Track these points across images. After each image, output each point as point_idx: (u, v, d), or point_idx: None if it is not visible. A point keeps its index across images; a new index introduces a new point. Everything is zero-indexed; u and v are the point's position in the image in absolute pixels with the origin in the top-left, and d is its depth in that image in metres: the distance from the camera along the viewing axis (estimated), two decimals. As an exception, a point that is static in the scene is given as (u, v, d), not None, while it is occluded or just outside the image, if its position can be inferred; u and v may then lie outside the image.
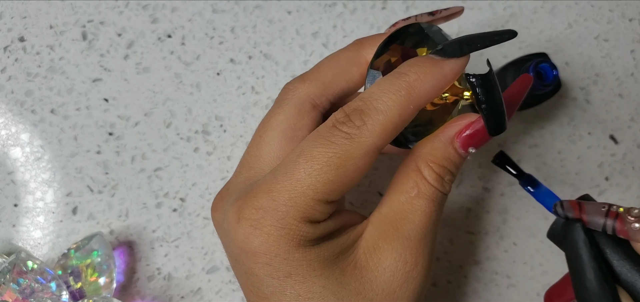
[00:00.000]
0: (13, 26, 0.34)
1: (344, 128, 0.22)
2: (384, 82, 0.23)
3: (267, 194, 0.22)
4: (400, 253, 0.23)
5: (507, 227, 0.35)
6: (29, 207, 0.32)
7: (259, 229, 0.22)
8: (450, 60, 0.22)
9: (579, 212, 0.23)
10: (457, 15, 0.28)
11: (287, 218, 0.22)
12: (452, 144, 0.24)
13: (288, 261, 0.22)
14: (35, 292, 0.29)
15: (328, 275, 0.22)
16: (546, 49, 0.37)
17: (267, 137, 0.25)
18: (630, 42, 0.37)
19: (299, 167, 0.22)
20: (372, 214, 0.25)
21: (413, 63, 0.23)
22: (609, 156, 0.36)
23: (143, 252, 0.32)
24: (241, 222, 0.22)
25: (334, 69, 0.26)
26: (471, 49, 0.23)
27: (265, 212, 0.22)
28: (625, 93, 0.37)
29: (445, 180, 0.24)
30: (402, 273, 0.23)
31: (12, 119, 0.33)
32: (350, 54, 0.26)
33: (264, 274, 0.22)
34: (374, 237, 0.24)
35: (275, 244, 0.22)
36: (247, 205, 0.22)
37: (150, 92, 0.34)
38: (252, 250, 0.22)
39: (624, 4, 0.38)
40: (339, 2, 0.36)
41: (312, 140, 0.22)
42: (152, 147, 0.33)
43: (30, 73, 0.33)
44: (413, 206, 0.23)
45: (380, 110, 0.22)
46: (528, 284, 0.34)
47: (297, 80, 0.26)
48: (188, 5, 0.35)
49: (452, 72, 0.23)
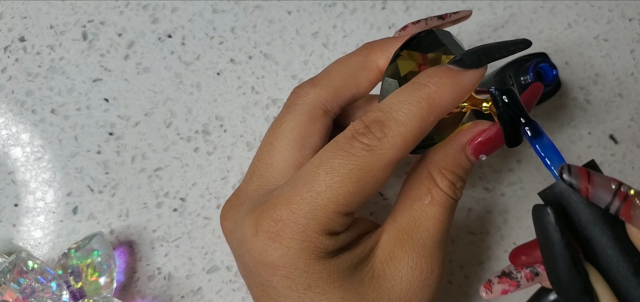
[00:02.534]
0: (13, 26, 0.34)
1: (365, 140, 0.22)
2: (404, 93, 0.22)
3: (287, 206, 0.22)
4: (417, 261, 0.23)
5: (508, 227, 0.35)
6: (30, 207, 0.32)
7: (278, 242, 0.22)
8: (469, 71, 0.22)
9: (587, 182, 0.21)
10: (465, 18, 0.28)
11: (307, 231, 0.22)
12: (464, 151, 0.24)
13: (308, 273, 0.22)
14: (35, 292, 0.29)
15: (347, 286, 0.22)
16: (546, 48, 0.37)
17: (279, 144, 0.25)
18: (630, 42, 0.37)
19: (319, 179, 0.22)
20: (386, 222, 0.24)
21: (433, 74, 0.22)
22: (609, 155, 0.36)
23: (143, 252, 0.32)
24: (259, 234, 0.22)
25: (344, 74, 0.26)
26: (489, 59, 0.23)
27: (284, 225, 0.22)
28: (625, 93, 0.37)
29: (457, 187, 0.24)
30: (418, 281, 0.23)
31: (12, 119, 0.33)
32: (360, 59, 0.26)
33: (283, 287, 0.22)
34: (390, 246, 0.24)
35: (295, 257, 0.22)
36: (264, 216, 0.22)
37: (150, 92, 0.34)
38: (270, 263, 0.22)
39: (624, 3, 0.38)
40: (338, 2, 0.36)
41: (331, 151, 0.22)
42: (152, 147, 0.33)
43: (30, 73, 0.33)
44: (427, 214, 0.23)
45: (401, 122, 0.22)
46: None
47: (307, 85, 0.26)
48: (188, 6, 0.35)
49: (471, 83, 0.22)
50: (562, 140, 0.36)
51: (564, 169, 0.21)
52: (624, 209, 0.21)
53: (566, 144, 0.36)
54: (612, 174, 0.36)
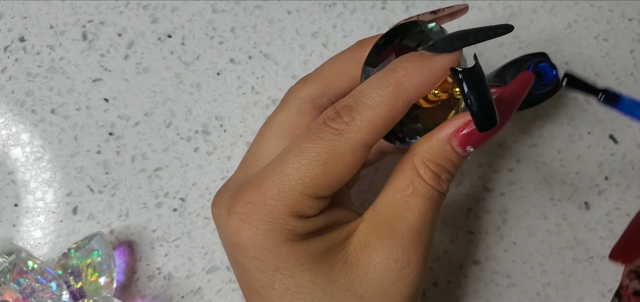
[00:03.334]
0: (13, 26, 0.34)
1: (333, 124, 0.22)
2: (374, 78, 0.23)
3: (257, 188, 0.22)
4: (392, 250, 0.23)
5: (507, 227, 0.35)
6: (30, 207, 0.32)
7: (247, 223, 0.22)
8: (440, 56, 0.22)
9: None
10: (461, 13, 0.27)
11: (275, 212, 0.22)
12: (449, 143, 0.23)
13: (275, 255, 0.22)
14: (35, 292, 0.29)
15: (316, 270, 0.23)
16: (546, 48, 0.37)
17: (267, 136, 0.26)
18: (630, 42, 0.37)
19: (288, 162, 0.22)
20: (366, 211, 0.25)
21: (402, 59, 0.23)
22: (608, 155, 0.36)
23: (143, 252, 0.32)
24: (231, 216, 0.23)
25: (334, 69, 0.26)
26: (463, 43, 0.22)
27: (254, 206, 0.22)
28: (625, 92, 0.37)
29: (442, 179, 0.24)
30: (393, 270, 0.23)
31: (12, 119, 0.33)
32: (350, 54, 0.26)
33: (254, 268, 0.23)
34: (366, 234, 0.24)
35: (263, 238, 0.22)
36: (237, 199, 0.23)
37: (150, 92, 0.34)
38: (241, 244, 0.22)
39: (624, 3, 0.38)
40: (338, 2, 0.36)
41: (302, 136, 0.23)
42: (152, 147, 0.33)
43: (30, 73, 0.34)
44: (408, 204, 0.23)
45: (369, 107, 0.22)
46: (528, 284, 0.34)
47: (299, 83, 0.26)
48: (188, 6, 0.35)
49: (442, 68, 0.22)
50: (561, 140, 0.36)
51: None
52: None
53: (566, 144, 0.36)
54: (612, 175, 0.36)
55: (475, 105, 0.22)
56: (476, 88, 0.21)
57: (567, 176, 0.36)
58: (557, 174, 0.36)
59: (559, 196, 0.35)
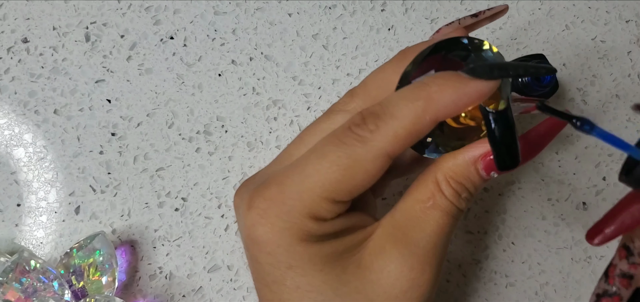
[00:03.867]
0: (16, 28, 0.34)
1: (358, 130, 0.22)
2: (405, 90, 0.22)
3: (278, 185, 0.22)
4: (407, 259, 0.23)
5: (506, 227, 0.35)
6: (32, 207, 0.33)
7: (264, 219, 0.22)
8: (477, 81, 0.22)
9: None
10: (501, 14, 0.27)
11: (292, 212, 0.22)
12: (474, 165, 0.23)
13: (289, 253, 0.22)
14: (37, 292, 0.29)
15: (329, 271, 0.23)
16: (543, 50, 0.37)
17: (307, 139, 0.25)
18: (627, 44, 0.38)
19: (310, 162, 0.22)
20: (384, 218, 0.24)
21: (439, 76, 0.22)
22: (606, 156, 0.36)
23: (145, 252, 0.33)
24: (251, 210, 0.23)
25: (379, 82, 0.26)
26: (502, 74, 0.22)
27: (272, 203, 0.22)
28: (622, 94, 0.37)
29: (462, 197, 0.24)
30: (407, 279, 0.23)
31: (15, 120, 0.33)
32: (393, 66, 0.26)
33: (266, 263, 0.23)
34: (382, 240, 0.23)
35: (278, 235, 0.22)
36: (258, 194, 0.23)
37: (152, 93, 0.34)
38: (256, 238, 0.23)
39: (621, 5, 0.38)
40: (338, 4, 0.36)
41: (327, 139, 0.23)
42: (154, 148, 0.34)
43: (33, 74, 0.34)
44: (426, 216, 0.23)
45: (395, 117, 0.22)
46: (526, 283, 0.34)
47: (346, 96, 0.26)
48: (190, 7, 0.35)
49: (477, 93, 0.22)
50: (559, 141, 0.36)
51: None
52: None
53: (564, 145, 0.36)
54: (609, 175, 0.36)
55: (498, 147, 0.22)
56: (502, 132, 0.22)
57: (565, 177, 0.36)
58: (555, 174, 0.36)
59: (557, 196, 0.35)
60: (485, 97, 0.22)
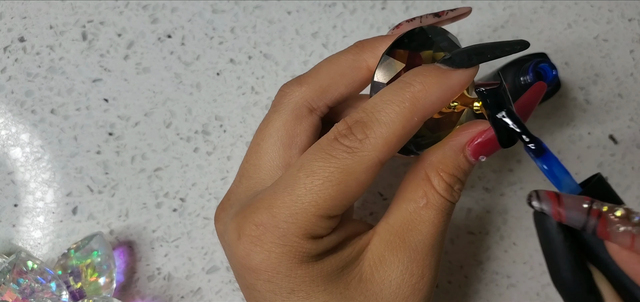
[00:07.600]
0: (13, 26, 0.34)
1: (346, 141, 0.21)
2: (388, 92, 0.22)
3: (268, 209, 0.22)
4: (407, 265, 0.23)
5: (508, 228, 0.35)
6: (29, 207, 0.32)
7: (259, 246, 0.21)
8: (458, 71, 0.22)
9: (557, 205, 0.21)
10: (464, 16, 0.27)
11: (288, 235, 0.21)
12: (463, 152, 0.23)
13: (290, 278, 0.22)
14: (35, 292, 0.29)
15: (332, 290, 0.22)
16: (546, 49, 0.37)
17: (265, 145, 0.25)
18: (630, 42, 0.37)
19: (300, 182, 0.21)
20: (379, 224, 0.24)
21: (419, 72, 0.22)
22: (608, 155, 0.36)
23: (143, 252, 0.32)
24: (241, 238, 0.22)
25: (332, 73, 0.25)
26: (481, 59, 0.22)
27: (265, 229, 0.21)
28: (624, 93, 0.37)
29: (455, 189, 0.23)
30: (408, 286, 0.23)
31: (12, 119, 0.33)
32: (350, 58, 0.25)
33: (266, 290, 0.22)
34: (380, 249, 0.23)
35: (276, 262, 0.21)
36: (247, 221, 0.22)
37: (150, 92, 0.34)
38: (253, 267, 0.22)
39: (624, 4, 0.38)
40: (338, 2, 0.36)
41: (313, 153, 0.22)
42: (152, 147, 0.33)
43: (30, 73, 0.33)
44: (421, 217, 0.23)
45: (383, 123, 0.21)
46: (528, 284, 0.34)
47: (293, 83, 0.25)
48: (188, 6, 0.35)
49: (460, 83, 0.22)
50: (561, 141, 0.36)
51: (532, 196, 0.21)
52: (600, 228, 0.20)
53: (566, 144, 0.36)
54: (611, 175, 0.36)
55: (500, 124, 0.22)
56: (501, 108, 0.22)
57: (567, 176, 0.36)
58: (557, 174, 0.36)
59: (559, 196, 0.35)
60: (467, 86, 0.22)
